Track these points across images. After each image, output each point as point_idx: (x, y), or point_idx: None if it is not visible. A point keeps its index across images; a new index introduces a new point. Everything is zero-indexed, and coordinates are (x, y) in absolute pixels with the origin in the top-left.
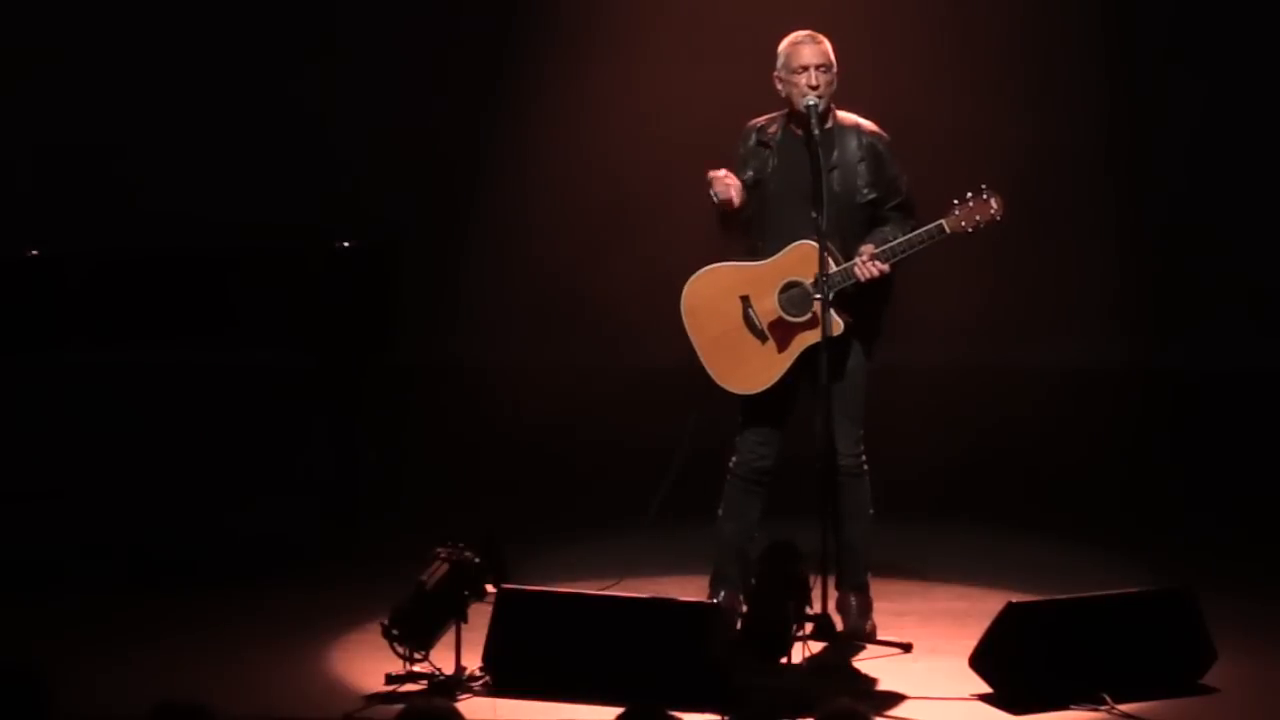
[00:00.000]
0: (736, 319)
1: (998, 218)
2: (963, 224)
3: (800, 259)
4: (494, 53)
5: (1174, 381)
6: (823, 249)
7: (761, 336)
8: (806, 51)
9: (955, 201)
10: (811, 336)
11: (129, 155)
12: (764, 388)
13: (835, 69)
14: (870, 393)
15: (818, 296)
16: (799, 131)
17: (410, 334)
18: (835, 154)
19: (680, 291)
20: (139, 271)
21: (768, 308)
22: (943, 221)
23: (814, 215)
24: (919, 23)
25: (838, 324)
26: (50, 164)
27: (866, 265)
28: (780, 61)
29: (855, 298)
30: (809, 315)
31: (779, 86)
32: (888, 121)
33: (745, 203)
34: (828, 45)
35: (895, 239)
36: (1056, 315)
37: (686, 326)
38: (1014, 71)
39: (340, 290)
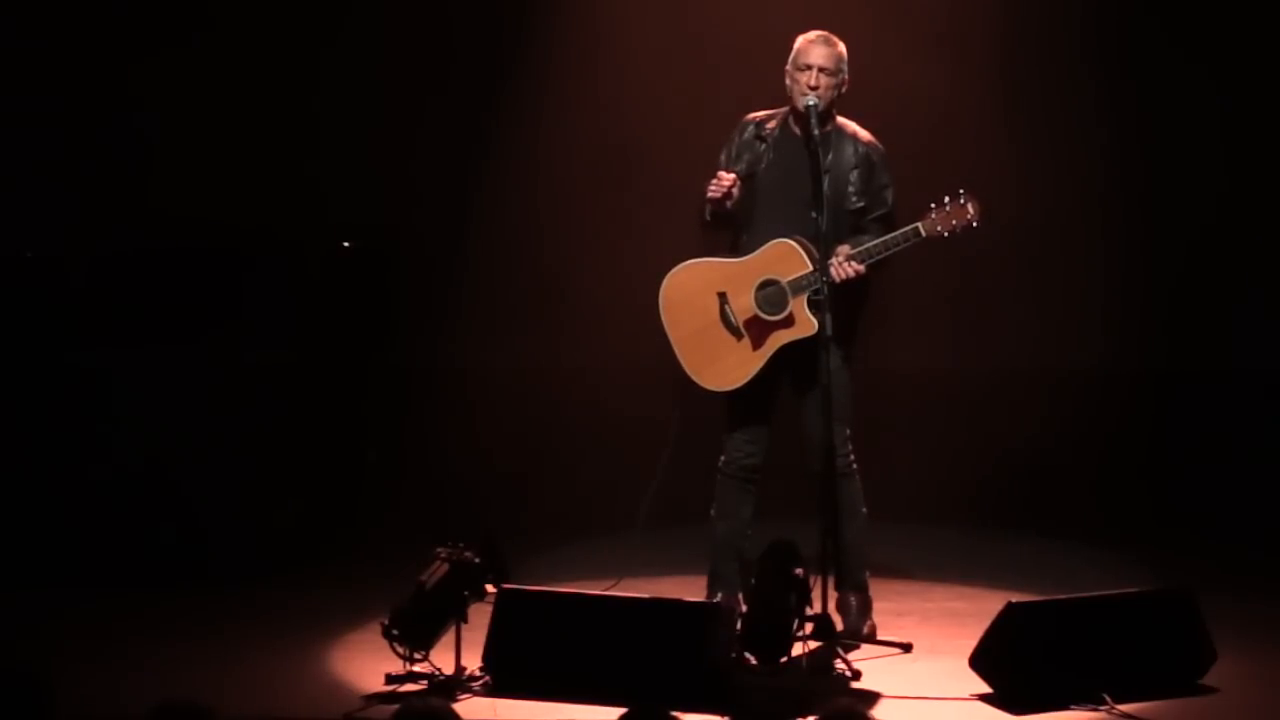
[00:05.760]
0: (713, 315)
1: (975, 223)
2: (939, 228)
3: (777, 257)
4: (488, 55)
5: (1174, 382)
6: (824, 248)
7: (737, 334)
8: (813, 51)
9: (932, 205)
10: (786, 335)
11: (127, 155)
12: (738, 385)
13: (845, 75)
14: (859, 393)
15: (817, 295)
16: (798, 130)
17: (409, 335)
18: (830, 158)
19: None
20: (138, 271)
21: (744, 305)
22: (919, 225)
23: (814, 216)
24: (922, 25)
25: (813, 323)
26: (48, 164)
27: (842, 265)
28: (790, 57)
29: (831, 299)
30: (785, 314)
31: (787, 82)
32: (881, 120)
33: (734, 207)
34: (841, 49)
35: (871, 242)
36: (1057, 316)
37: (663, 320)
38: (1013, 71)
39: (341, 290)
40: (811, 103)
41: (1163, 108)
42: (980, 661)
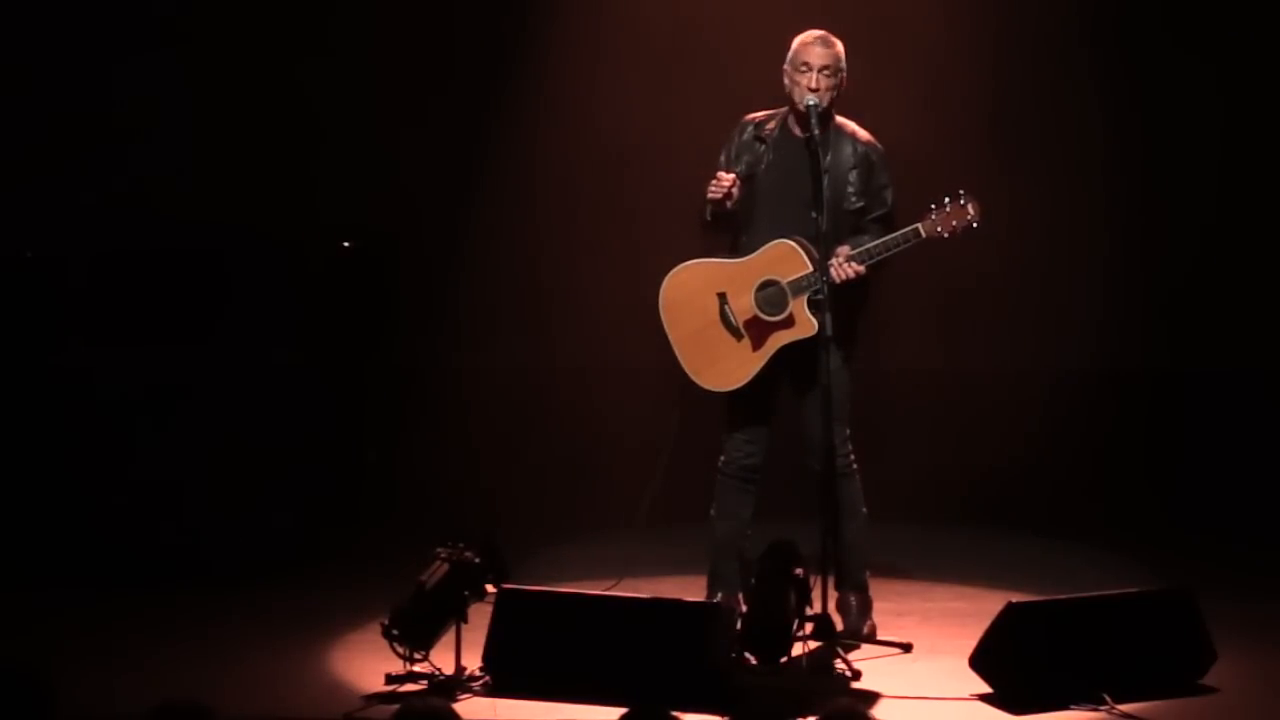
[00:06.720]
0: (713, 315)
1: (974, 224)
2: (939, 229)
3: (777, 258)
4: (489, 55)
5: (1174, 382)
6: (823, 248)
7: (737, 334)
8: (813, 52)
9: (932, 206)
10: (786, 336)
11: (127, 154)
12: (737, 385)
13: (844, 75)
14: (858, 393)
15: (817, 295)
16: (798, 131)
17: (408, 335)
18: (829, 158)
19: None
20: (138, 272)
21: (744, 305)
22: (919, 225)
23: (814, 216)
24: (921, 30)
25: (813, 324)
26: (48, 163)
27: (842, 266)
28: (788, 57)
29: (831, 300)
30: (785, 314)
31: (785, 82)
32: (883, 129)
33: (734, 208)
34: (839, 49)
35: (872, 242)
36: (1056, 316)
37: (663, 321)
38: (1010, 71)
39: (340, 290)
40: (812, 103)
41: (1161, 108)
42: (980, 661)
